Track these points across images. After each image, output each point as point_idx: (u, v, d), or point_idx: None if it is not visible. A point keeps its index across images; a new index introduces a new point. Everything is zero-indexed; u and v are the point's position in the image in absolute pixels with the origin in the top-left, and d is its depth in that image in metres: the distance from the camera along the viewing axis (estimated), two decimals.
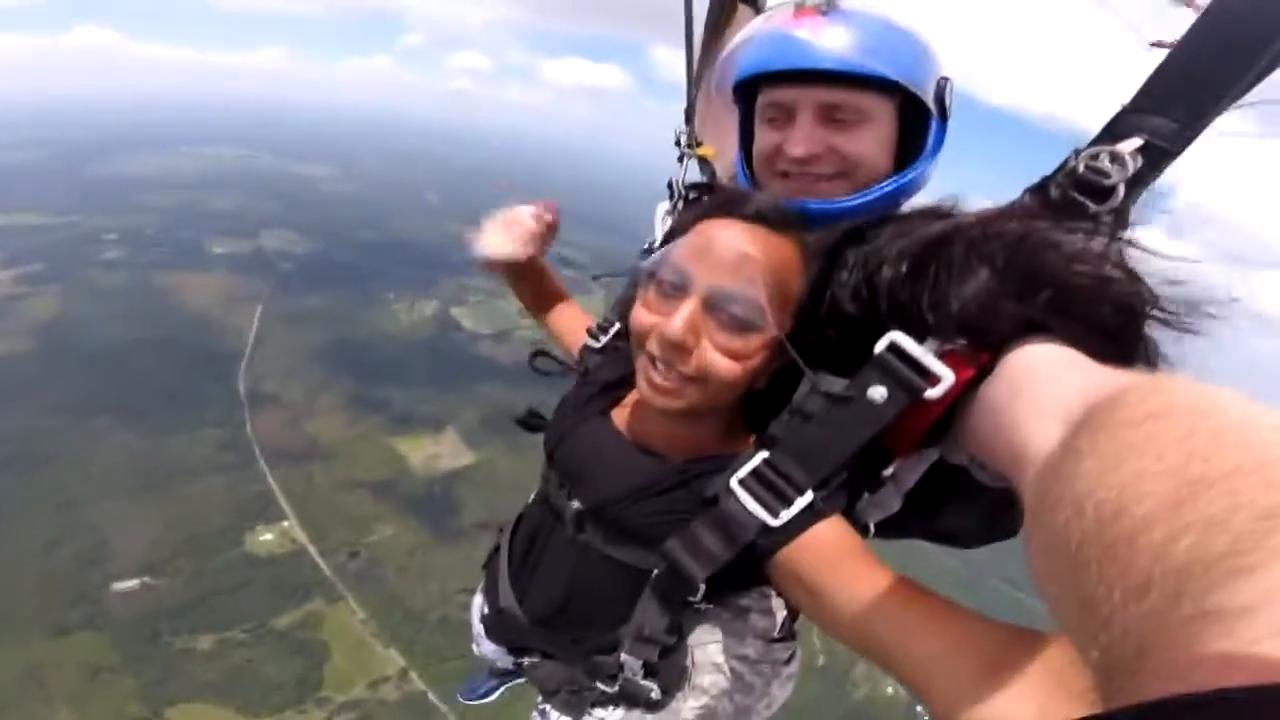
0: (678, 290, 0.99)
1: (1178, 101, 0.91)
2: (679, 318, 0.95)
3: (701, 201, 1.28)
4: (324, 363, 60.34)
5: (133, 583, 34.74)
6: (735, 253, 0.97)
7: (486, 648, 1.43)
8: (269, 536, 39.63)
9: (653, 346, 1.00)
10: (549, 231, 1.61)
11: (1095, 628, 0.35)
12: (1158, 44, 1.23)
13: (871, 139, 1.14)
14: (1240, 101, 0.90)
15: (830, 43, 1.09)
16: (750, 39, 1.23)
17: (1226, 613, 0.29)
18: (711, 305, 0.96)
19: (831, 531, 0.90)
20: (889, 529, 1.11)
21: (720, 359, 0.97)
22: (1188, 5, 1.21)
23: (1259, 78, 0.88)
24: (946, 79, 1.17)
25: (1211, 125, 0.92)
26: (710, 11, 1.70)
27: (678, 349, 0.96)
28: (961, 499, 1.02)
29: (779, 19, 1.18)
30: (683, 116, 1.79)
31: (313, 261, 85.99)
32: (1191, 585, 0.31)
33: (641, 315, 1.03)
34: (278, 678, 32.12)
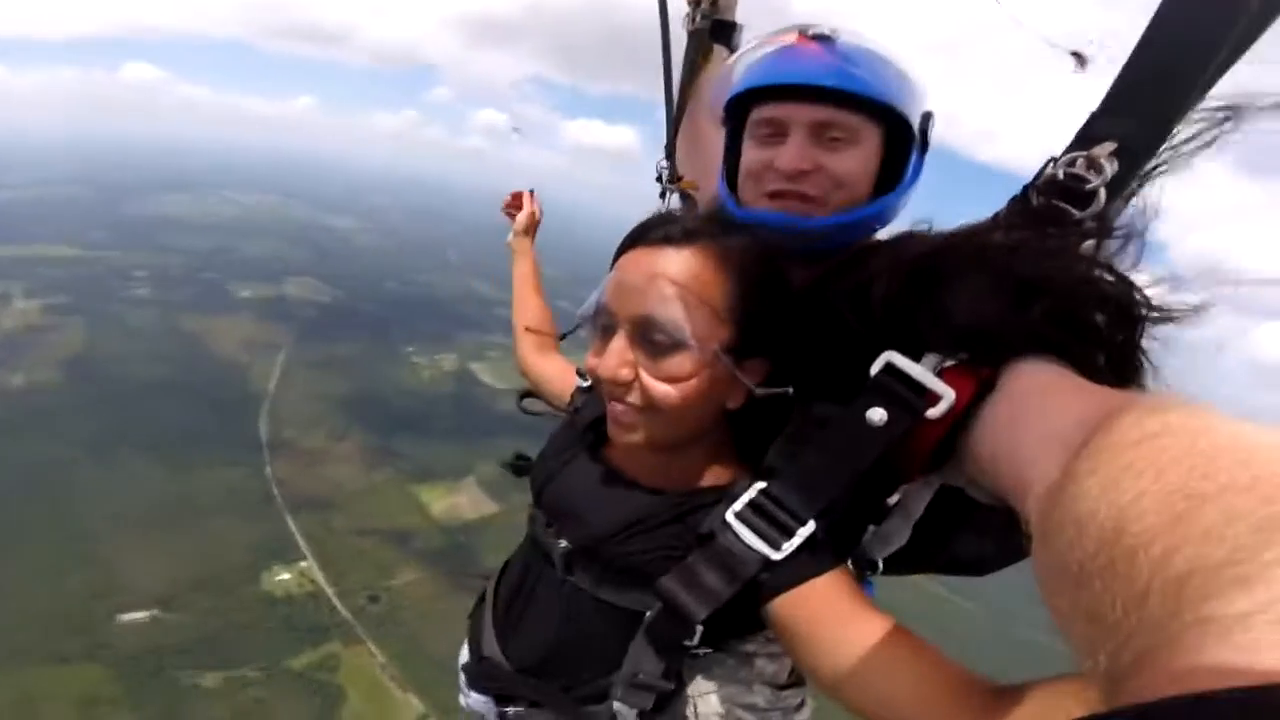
0: (609, 329, 1.00)
1: (1144, 101, 0.89)
2: (609, 355, 0.97)
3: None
4: (344, 411, 60.94)
5: (141, 615, 34.12)
6: (642, 278, 0.96)
7: (474, 699, 1.35)
8: (286, 576, 38.90)
9: (602, 386, 1.02)
10: (531, 216, 1.99)
11: (1099, 638, 0.36)
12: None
13: (858, 161, 1.14)
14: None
15: (828, 63, 1.12)
16: (750, 56, 1.22)
17: (1223, 619, 0.30)
18: (637, 335, 0.97)
19: (833, 584, 0.87)
20: (901, 564, 1.08)
21: (658, 385, 0.96)
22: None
23: (1221, 70, 0.85)
24: (930, 113, 1.19)
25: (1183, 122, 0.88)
26: (688, 53, 1.79)
27: (619, 385, 0.97)
28: (973, 521, 1.00)
29: (781, 39, 1.19)
30: (664, 153, 1.85)
31: (335, 310, 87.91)
32: (1189, 594, 0.32)
33: (589, 359, 1.04)
34: (289, 719, 30.91)
